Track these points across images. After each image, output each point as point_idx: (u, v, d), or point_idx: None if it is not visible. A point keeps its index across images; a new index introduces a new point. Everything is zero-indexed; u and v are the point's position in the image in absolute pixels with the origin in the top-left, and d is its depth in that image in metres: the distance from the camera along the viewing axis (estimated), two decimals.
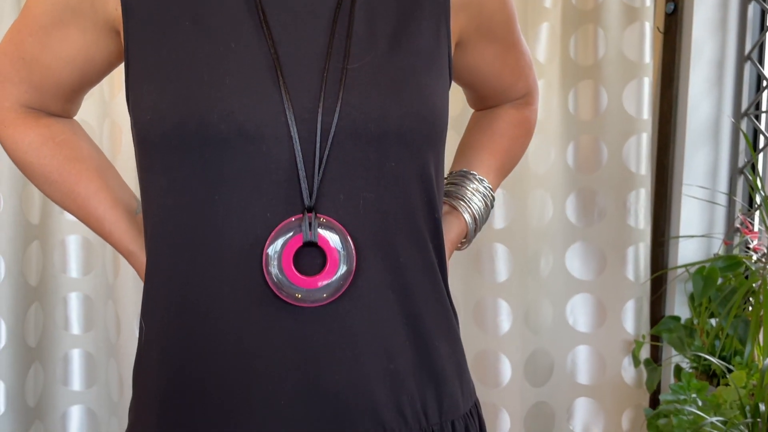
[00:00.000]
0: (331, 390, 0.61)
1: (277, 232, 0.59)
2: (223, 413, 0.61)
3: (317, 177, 0.59)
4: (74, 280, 1.82)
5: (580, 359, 1.98)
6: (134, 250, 0.70)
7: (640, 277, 1.90)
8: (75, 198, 0.71)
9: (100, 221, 0.70)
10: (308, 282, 0.59)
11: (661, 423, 1.53)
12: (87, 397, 1.86)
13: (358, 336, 0.62)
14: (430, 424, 0.65)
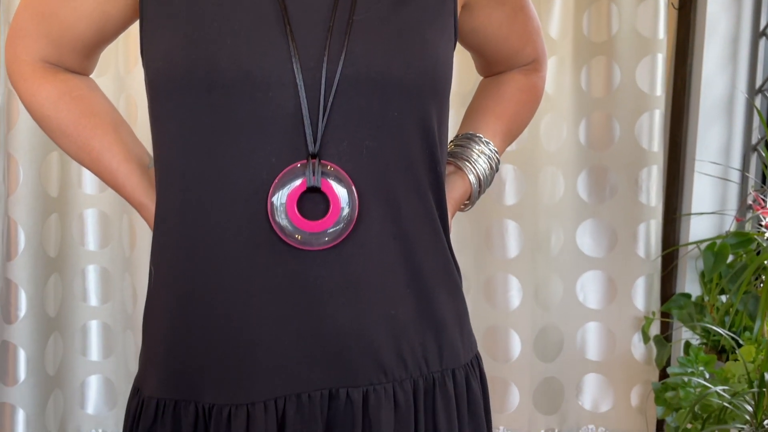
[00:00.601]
0: (333, 333, 0.63)
1: (282, 177, 0.61)
2: (229, 355, 0.63)
3: (321, 124, 0.60)
4: (92, 252, 1.86)
5: (589, 335, 1.99)
6: (146, 202, 0.71)
7: (651, 254, 1.90)
8: (89, 151, 0.72)
9: (114, 174, 0.72)
10: (311, 226, 0.61)
11: (669, 395, 1.55)
12: (105, 367, 1.91)
13: (361, 281, 0.64)
14: (431, 371, 0.67)
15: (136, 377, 0.70)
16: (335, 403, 0.63)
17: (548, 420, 2.01)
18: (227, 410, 0.62)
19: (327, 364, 0.63)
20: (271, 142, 0.61)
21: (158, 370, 0.66)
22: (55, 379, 1.82)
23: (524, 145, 1.89)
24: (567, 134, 1.90)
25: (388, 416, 0.64)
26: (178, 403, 0.64)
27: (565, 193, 1.93)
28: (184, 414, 0.63)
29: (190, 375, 0.64)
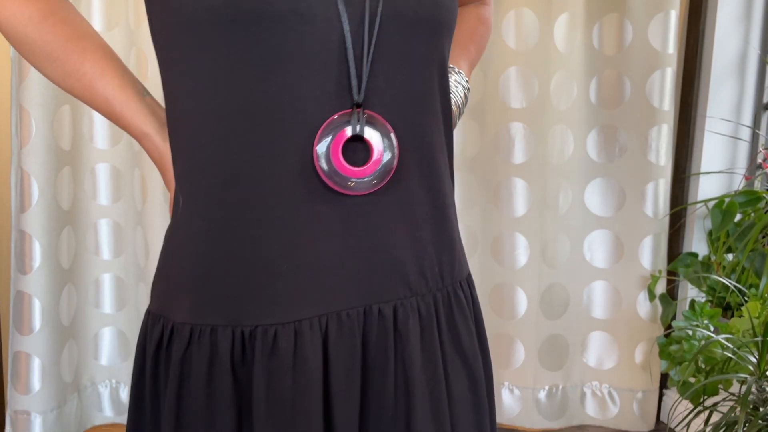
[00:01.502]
0: (369, 255, 0.67)
1: (327, 125, 0.63)
2: (276, 277, 0.65)
3: (366, 66, 0.63)
4: (104, 207, 1.88)
5: (595, 294, 2.01)
6: (148, 131, 0.69)
7: (658, 213, 1.91)
8: (80, 78, 0.68)
9: (109, 102, 0.69)
10: (355, 173, 0.64)
11: (673, 349, 1.57)
12: (118, 320, 1.95)
13: (392, 205, 0.67)
14: (445, 285, 0.72)
15: (156, 306, 0.70)
16: (369, 319, 0.67)
17: (553, 376, 2.04)
18: (273, 330, 0.64)
19: (362, 284, 0.67)
20: (315, 76, 0.62)
21: (192, 297, 0.66)
22: (69, 329, 1.85)
23: (534, 103, 1.88)
24: (577, 92, 1.90)
25: (414, 327, 0.68)
26: (215, 328, 0.64)
27: (574, 152, 1.93)
28: (222, 337, 0.64)
29: (229, 300, 0.65)
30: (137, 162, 1.81)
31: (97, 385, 1.96)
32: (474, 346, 0.73)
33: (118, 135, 1.85)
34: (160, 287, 0.70)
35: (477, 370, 0.73)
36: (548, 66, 1.87)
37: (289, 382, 0.64)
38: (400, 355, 0.68)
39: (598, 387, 2.06)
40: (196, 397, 0.64)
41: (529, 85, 1.88)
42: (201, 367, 0.63)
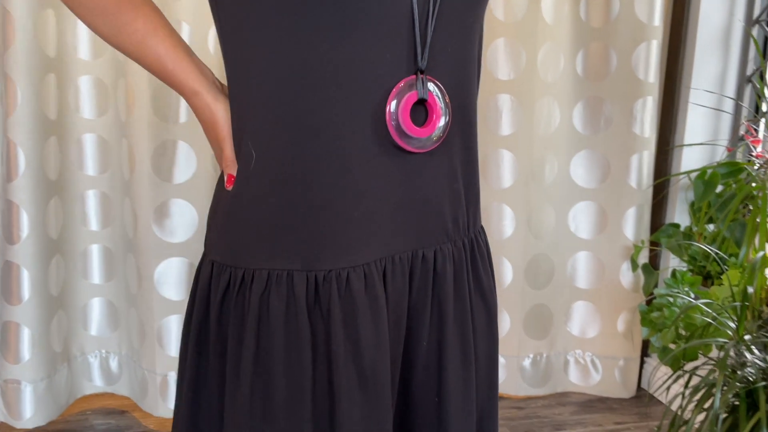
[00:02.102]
0: (419, 203, 0.74)
1: (398, 89, 0.68)
2: (351, 224, 0.70)
3: (430, 28, 0.68)
4: (91, 177, 1.87)
5: (579, 264, 2.05)
6: (199, 89, 0.70)
7: (642, 184, 1.94)
8: (132, 33, 0.69)
9: (161, 59, 0.70)
10: (419, 132, 0.70)
11: (654, 316, 1.61)
12: (107, 290, 1.95)
13: (439, 161, 0.75)
14: (470, 232, 0.81)
15: (221, 257, 0.72)
16: (415, 262, 0.75)
17: (537, 345, 2.08)
18: (345, 273, 0.70)
19: (412, 231, 0.74)
20: (387, 40, 0.67)
21: (269, 244, 0.70)
22: (58, 300, 1.86)
23: (521, 74, 1.89)
24: (564, 65, 1.91)
25: (450, 269, 0.77)
26: (291, 273, 0.69)
27: (560, 124, 1.95)
28: (298, 281, 0.69)
29: (306, 246, 0.69)
30: (124, 132, 1.80)
31: (87, 355, 1.98)
32: (491, 285, 0.82)
33: (104, 105, 1.83)
34: (228, 238, 0.72)
35: (493, 306, 0.83)
36: (536, 38, 1.88)
37: (368, 319, 0.70)
38: (437, 294, 0.76)
39: (581, 355, 2.10)
40: (275, 335, 0.68)
41: (516, 57, 1.89)
42: (279, 308, 0.68)
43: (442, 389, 0.77)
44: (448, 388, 0.77)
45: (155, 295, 1.82)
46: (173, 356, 1.85)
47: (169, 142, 1.75)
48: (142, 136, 1.74)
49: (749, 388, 1.26)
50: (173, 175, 1.77)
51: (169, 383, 1.87)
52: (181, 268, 1.82)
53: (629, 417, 1.96)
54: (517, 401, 2.06)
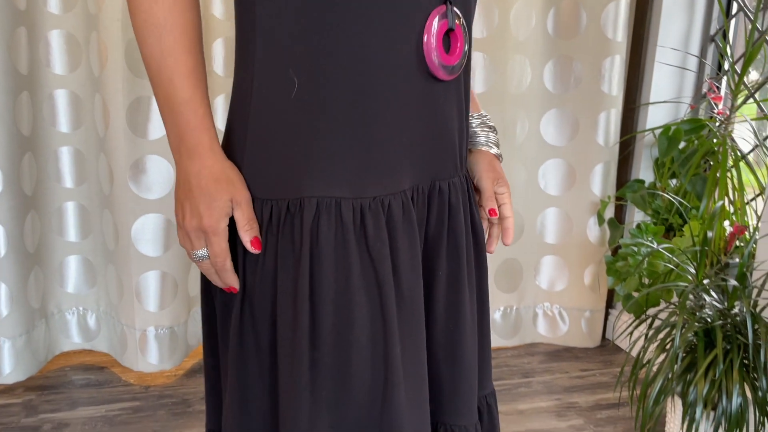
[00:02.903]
0: (440, 134, 0.78)
1: (433, 18, 0.71)
2: (392, 155, 0.73)
3: None
4: (64, 134, 1.86)
5: (548, 220, 2.12)
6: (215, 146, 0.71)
7: (609, 142, 2.00)
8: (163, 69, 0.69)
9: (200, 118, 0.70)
10: (449, 59, 0.74)
11: (619, 265, 1.68)
12: (83, 247, 1.95)
13: (454, 93, 0.78)
14: (463, 170, 0.84)
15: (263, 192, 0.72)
16: (432, 193, 0.79)
17: (508, 298, 2.15)
18: (387, 200, 0.73)
19: (433, 162, 0.78)
20: None
21: (316, 172, 0.70)
22: (34, 256, 1.86)
23: (494, 32, 1.92)
24: (536, 23, 1.94)
25: (459, 199, 0.81)
26: (339, 200, 0.71)
27: (531, 83, 1.99)
28: (345, 208, 0.71)
29: (352, 175, 0.71)
30: (97, 88, 1.79)
31: (65, 312, 1.98)
32: (479, 221, 0.86)
33: (76, 60, 1.81)
34: (267, 172, 0.72)
35: (482, 241, 0.86)
36: None
37: (406, 244, 0.74)
38: (452, 226, 0.79)
39: (549, 307, 2.18)
40: (325, 262, 0.70)
41: (489, 14, 1.91)
42: (330, 233, 0.70)
43: (459, 319, 0.81)
44: (463, 317, 0.81)
45: (133, 251, 1.83)
46: (152, 311, 1.88)
47: (144, 98, 1.74)
48: (116, 91, 1.73)
49: (707, 327, 1.34)
50: (148, 132, 1.77)
51: (147, 338, 1.89)
52: (157, 224, 1.83)
53: (594, 365, 2.05)
54: None
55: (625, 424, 1.70)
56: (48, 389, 1.84)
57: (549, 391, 1.89)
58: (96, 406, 1.76)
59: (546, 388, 1.90)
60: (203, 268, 0.72)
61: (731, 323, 1.35)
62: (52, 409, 1.74)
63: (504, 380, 1.95)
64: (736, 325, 1.34)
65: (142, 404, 1.78)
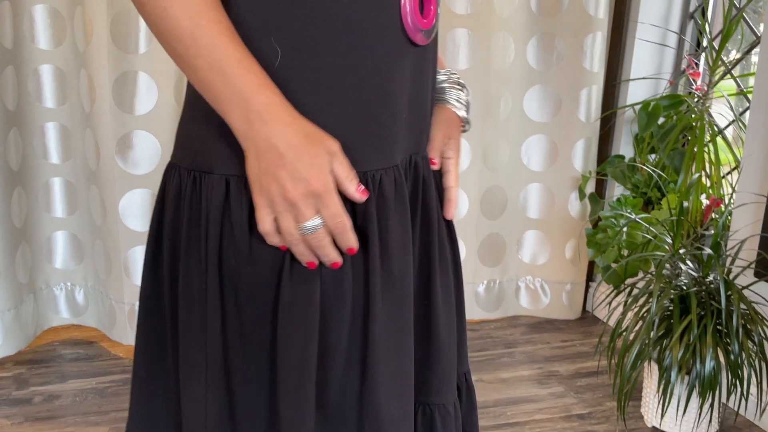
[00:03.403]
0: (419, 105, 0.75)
1: None
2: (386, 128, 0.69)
3: None
4: (50, 110, 1.85)
5: (531, 195, 2.16)
6: None
7: (591, 117, 2.04)
8: None
9: None
10: (425, 24, 0.70)
11: (599, 237, 1.72)
12: (70, 223, 1.96)
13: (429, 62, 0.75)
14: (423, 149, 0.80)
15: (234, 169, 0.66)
16: (410, 167, 0.75)
17: (491, 272, 2.20)
18: (379, 174, 0.69)
19: (412, 135, 0.74)
20: None
21: None
22: (21, 232, 1.86)
23: (478, 9, 1.94)
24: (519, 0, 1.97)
25: (430, 173, 0.78)
26: None
27: (515, 59, 2.02)
28: None
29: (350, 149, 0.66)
30: (83, 63, 1.79)
31: (53, 288, 2.00)
32: None
33: (61, 34, 1.81)
34: None
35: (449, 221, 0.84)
36: None
37: (397, 222, 0.70)
38: (425, 200, 0.77)
39: (531, 281, 2.23)
40: None
41: None
42: None
43: (433, 294, 0.79)
44: (436, 293, 0.79)
45: (121, 227, 1.84)
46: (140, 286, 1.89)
47: (130, 73, 1.75)
48: (102, 66, 1.73)
49: (682, 294, 1.39)
50: (135, 107, 1.78)
51: (136, 312, 1.91)
52: (145, 200, 1.85)
53: (575, 336, 2.11)
54: (472, 325, 2.18)
55: (604, 391, 1.76)
56: (37, 363, 1.86)
57: (531, 360, 1.94)
58: (86, 379, 1.79)
59: (528, 358, 1.96)
60: (314, 240, 0.63)
61: (706, 290, 1.40)
62: (42, 382, 1.76)
63: (487, 351, 2.00)
64: (710, 292, 1.40)
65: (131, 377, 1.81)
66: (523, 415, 1.66)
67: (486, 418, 1.63)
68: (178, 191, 0.69)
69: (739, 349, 1.34)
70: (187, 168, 0.67)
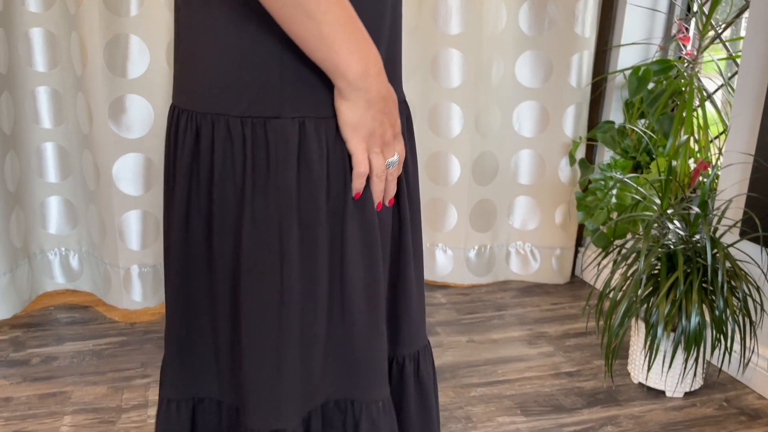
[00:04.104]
0: (400, 50, 0.78)
1: None
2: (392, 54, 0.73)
3: None
4: (41, 73, 1.85)
5: (522, 161, 2.18)
6: None
7: (582, 83, 2.05)
8: None
9: None
10: None
11: (589, 200, 1.75)
12: (63, 188, 1.96)
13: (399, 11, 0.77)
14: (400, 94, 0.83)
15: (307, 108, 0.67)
16: None
17: (482, 237, 2.23)
18: None
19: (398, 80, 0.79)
20: None
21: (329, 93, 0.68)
22: (15, 196, 1.86)
23: None
24: None
25: (404, 123, 0.81)
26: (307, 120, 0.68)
27: (507, 25, 2.02)
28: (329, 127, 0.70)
29: None
30: (73, 25, 1.78)
31: (47, 253, 2.00)
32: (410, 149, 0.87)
33: None
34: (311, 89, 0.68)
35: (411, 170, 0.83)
36: None
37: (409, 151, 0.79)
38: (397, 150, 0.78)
39: (521, 246, 2.27)
40: None
41: None
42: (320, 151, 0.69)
43: (404, 247, 0.81)
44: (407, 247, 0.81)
45: (114, 191, 1.85)
46: (135, 250, 1.91)
47: (122, 35, 1.74)
48: (93, 29, 1.72)
49: (669, 252, 1.42)
50: (128, 70, 1.77)
51: (131, 276, 1.93)
52: (138, 164, 1.85)
53: (564, 299, 2.15)
54: (463, 289, 2.22)
55: (592, 350, 1.81)
56: (34, 327, 1.88)
57: (521, 322, 1.98)
58: (83, 341, 1.81)
59: (518, 320, 2.00)
60: (391, 175, 0.72)
61: (692, 248, 1.43)
62: (39, 345, 1.78)
63: (478, 314, 2.04)
64: (697, 251, 1.43)
65: (128, 339, 1.83)
66: (513, 372, 1.70)
67: (477, 376, 1.67)
68: (227, 139, 0.68)
69: (724, 305, 1.37)
70: (239, 116, 0.67)
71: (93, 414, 1.48)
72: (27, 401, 1.53)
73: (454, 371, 1.70)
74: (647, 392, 1.61)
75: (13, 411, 1.49)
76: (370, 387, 0.75)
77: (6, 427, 1.43)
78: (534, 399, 1.58)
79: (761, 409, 1.55)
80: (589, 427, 1.47)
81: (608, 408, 1.54)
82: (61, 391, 1.57)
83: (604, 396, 1.59)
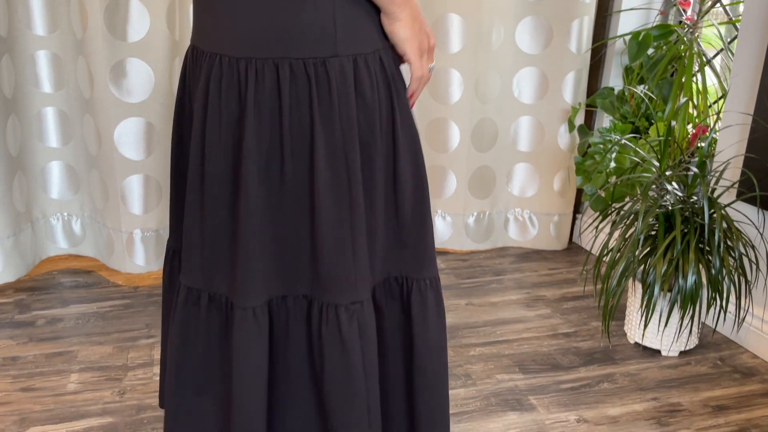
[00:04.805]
0: None
1: None
2: None
3: None
4: (41, 37, 1.84)
5: (522, 128, 2.19)
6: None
7: (582, 49, 2.05)
8: None
9: None
10: None
11: (588, 164, 1.77)
12: (65, 153, 1.97)
13: None
14: None
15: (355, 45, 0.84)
16: None
17: (481, 204, 2.24)
18: None
19: None
20: None
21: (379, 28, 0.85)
22: (17, 160, 1.87)
23: None
24: None
25: None
26: None
27: None
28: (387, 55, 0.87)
29: None
30: None
31: (49, 218, 2.02)
32: None
33: None
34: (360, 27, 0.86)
35: None
36: None
37: None
38: None
39: (520, 213, 2.29)
40: None
41: None
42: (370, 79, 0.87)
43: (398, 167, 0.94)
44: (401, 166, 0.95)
45: (116, 155, 1.86)
46: (137, 215, 1.92)
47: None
48: None
49: (667, 212, 1.44)
50: (128, 34, 1.77)
51: (134, 241, 1.95)
52: (140, 128, 1.86)
53: (562, 264, 2.18)
54: (462, 255, 2.24)
55: (589, 313, 1.84)
56: (38, 290, 1.90)
57: (519, 286, 2.01)
58: (87, 304, 1.83)
59: (516, 284, 2.02)
60: (431, 78, 0.87)
61: (690, 208, 1.45)
62: (44, 307, 1.80)
63: (477, 278, 2.06)
64: (694, 211, 1.45)
65: (132, 302, 1.85)
66: (512, 333, 1.73)
67: (476, 336, 1.70)
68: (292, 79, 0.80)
69: (720, 265, 1.40)
70: (301, 58, 0.80)
71: (99, 372, 1.51)
72: (34, 360, 1.55)
73: (454, 332, 1.72)
74: (643, 351, 1.64)
75: (20, 369, 1.51)
76: (420, 267, 0.94)
77: (14, 384, 1.45)
78: (532, 358, 1.61)
79: (755, 368, 1.58)
80: (585, 383, 1.51)
81: (605, 366, 1.58)
82: (67, 350, 1.60)
83: (600, 355, 1.63)
